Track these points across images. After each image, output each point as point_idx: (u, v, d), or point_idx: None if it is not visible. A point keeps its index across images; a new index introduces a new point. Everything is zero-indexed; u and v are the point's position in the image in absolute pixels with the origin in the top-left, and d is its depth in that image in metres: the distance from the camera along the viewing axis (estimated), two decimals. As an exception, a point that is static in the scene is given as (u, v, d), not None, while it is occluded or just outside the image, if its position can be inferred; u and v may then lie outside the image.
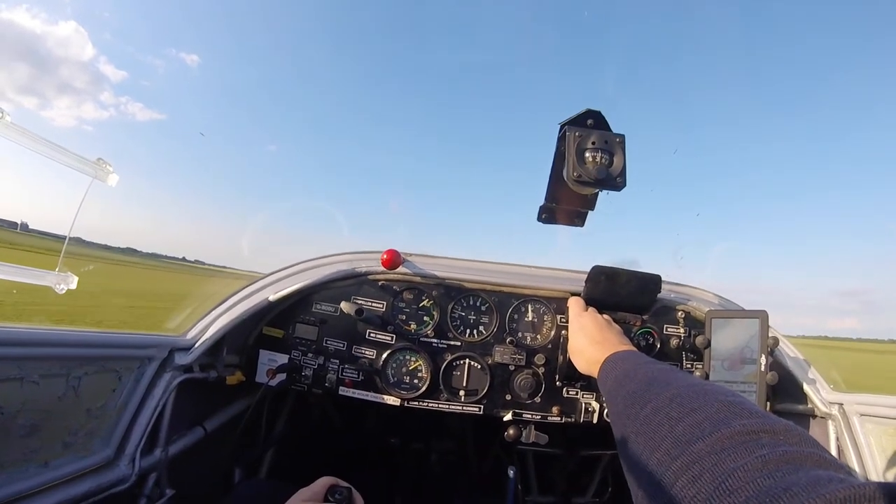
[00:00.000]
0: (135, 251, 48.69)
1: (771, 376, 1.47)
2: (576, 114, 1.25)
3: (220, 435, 1.71)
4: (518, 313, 1.69)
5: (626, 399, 0.94)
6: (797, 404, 1.63)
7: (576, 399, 1.66)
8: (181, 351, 1.46)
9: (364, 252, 1.70)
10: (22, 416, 1.06)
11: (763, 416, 0.69)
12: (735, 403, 0.73)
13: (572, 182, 1.22)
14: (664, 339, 1.67)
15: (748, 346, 1.52)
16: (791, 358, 1.64)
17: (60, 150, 1.08)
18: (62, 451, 1.19)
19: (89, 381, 1.21)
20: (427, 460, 2.38)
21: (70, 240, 1.19)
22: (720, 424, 0.68)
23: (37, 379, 1.07)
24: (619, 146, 1.22)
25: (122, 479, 1.32)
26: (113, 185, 1.18)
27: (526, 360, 1.63)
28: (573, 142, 1.21)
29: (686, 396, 0.79)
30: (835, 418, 1.54)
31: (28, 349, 1.04)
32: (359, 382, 1.64)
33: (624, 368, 1.08)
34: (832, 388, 1.60)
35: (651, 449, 0.75)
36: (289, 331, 1.67)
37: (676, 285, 1.73)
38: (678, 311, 1.69)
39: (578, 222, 1.44)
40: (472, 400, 1.65)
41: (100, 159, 1.16)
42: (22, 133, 1.02)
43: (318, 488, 1.02)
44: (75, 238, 1.22)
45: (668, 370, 0.98)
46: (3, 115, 0.97)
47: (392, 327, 1.66)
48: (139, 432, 1.37)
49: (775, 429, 0.65)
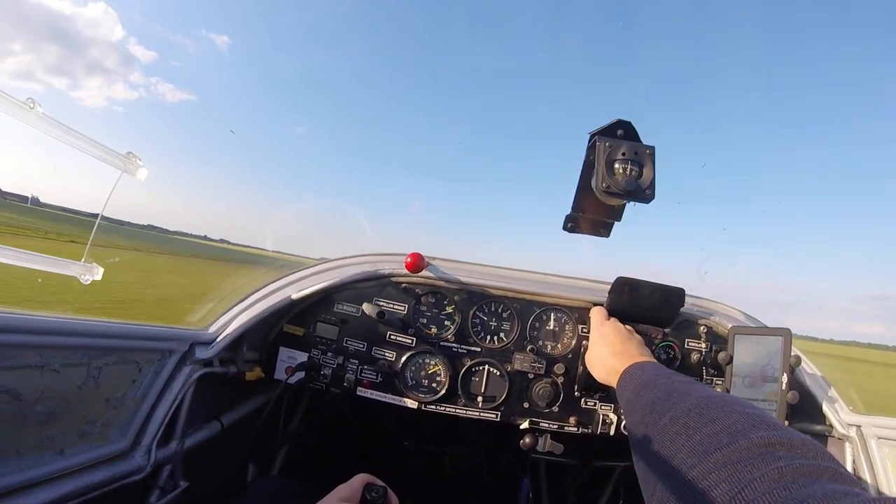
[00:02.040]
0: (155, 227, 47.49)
1: (791, 395, 1.41)
2: (606, 124, 1.20)
3: (236, 430, 1.66)
4: (539, 321, 1.63)
5: (644, 408, 0.92)
6: (815, 424, 1.57)
7: (593, 410, 1.60)
8: (202, 345, 1.42)
9: (387, 254, 1.65)
10: (41, 403, 1.02)
11: (781, 429, 0.68)
12: (753, 415, 0.71)
13: (601, 193, 1.17)
14: (685, 354, 1.60)
15: (770, 364, 1.45)
16: (811, 377, 1.58)
17: (90, 142, 1.04)
18: (78, 440, 1.15)
19: (109, 372, 1.17)
20: (440, 464, 2.32)
21: (82, 217, 1.15)
22: (738, 435, 0.67)
23: (58, 367, 1.03)
24: (648, 158, 1.17)
25: (137, 469, 1.27)
26: (142, 179, 1.14)
27: (545, 369, 1.58)
28: (603, 152, 1.16)
29: (705, 407, 0.77)
30: (852, 440, 1.49)
31: (50, 338, 1.01)
32: (377, 384, 1.60)
33: (643, 378, 1.05)
34: (851, 409, 1.54)
35: (668, 458, 0.74)
36: (309, 329, 1.62)
37: (700, 299, 1.66)
38: (700, 325, 1.63)
39: (604, 233, 1.39)
40: (490, 406, 1.59)
41: (129, 153, 1.12)
42: (52, 124, 0.98)
43: (356, 485, 0.98)
44: (89, 214, 1.18)
45: (688, 381, 0.95)
46: (35, 105, 0.93)
47: (413, 330, 1.61)
48: (156, 424, 1.32)
49: (792, 442, 0.64)
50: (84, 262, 1.08)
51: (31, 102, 0.93)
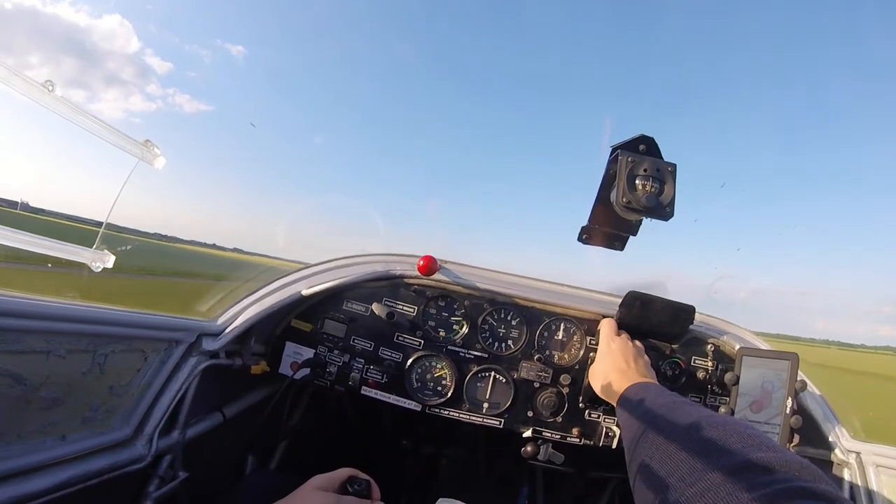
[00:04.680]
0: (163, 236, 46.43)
1: (795, 420, 1.37)
2: (629, 138, 1.16)
3: (237, 422, 1.63)
4: (548, 331, 1.59)
5: (643, 425, 0.91)
6: (816, 448, 1.55)
7: (597, 422, 1.56)
8: (209, 336, 1.38)
9: (400, 255, 1.61)
10: (45, 388, 0.98)
11: (781, 451, 0.67)
12: (753, 436, 0.71)
13: (621, 207, 1.13)
14: (691, 371, 1.57)
15: (775, 387, 1.42)
16: (815, 401, 1.56)
17: (108, 128, 1.00)
18: (80, 427, 1.11)
19: (115, 360, 1.13)
20: (437, 466, 2.29)
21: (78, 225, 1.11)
22: (736, 455, 0.66)
23: (63, 353, 1.00)
24: (670, 175, 1.14)
25: (138, 458, 1.24)
26: (160, 168, 1.09)
27: (551, 379, 1.54)
28: (625, 167, 1.13)
29: (705, 426, 0.77)
30: (851, 466, 1.47)
31: (57, 324, 0.97)
32: (382, 384, 1.56)
33: (644, 398, 1.04)
34: (852, 435, 1.52)
35: (665, 475, 0.73)
36: (317, 325, 1.58)
37: (710, 317, 1.63)
38: (709, 344, 1.59)
39: (618, 246, 1.35)
40: (494, 413, 1.55)
41: (147, 141, 1.08)
42: (70, 107, 0.94)
43: (333, 476, 0.95)
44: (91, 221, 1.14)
45: (688, 402, 0.94)
46: (53, 87, 0.89)
47: (421, 332, 1.57)
48: (159, 413, 1.29)
49: (791, 465, 0.63)
50: (95, 248, 1.04)
51: (50, 84, 0.89)
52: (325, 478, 0.94)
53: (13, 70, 0.82)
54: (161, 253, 31.91)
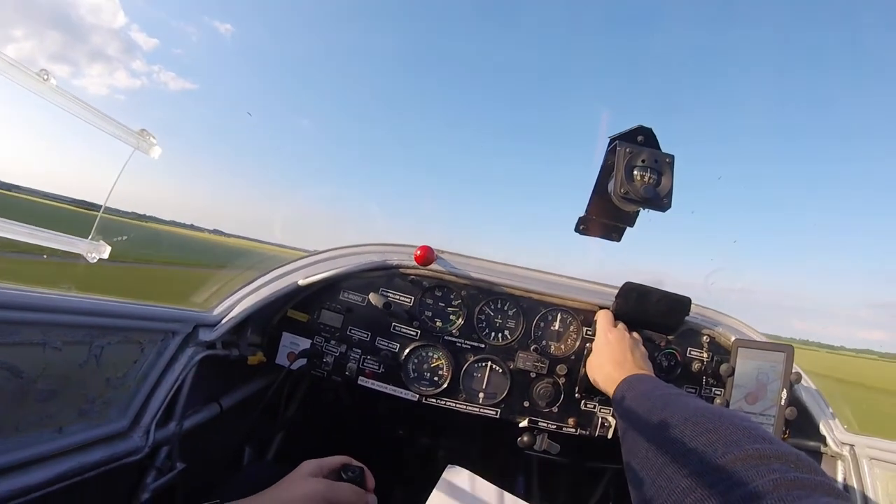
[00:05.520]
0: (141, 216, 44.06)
1: (790, 411, 1.38)
2: (627, 129, 1.15)
3: (234, 413, 1.62)
4: (545, 321, 1.58)
5: (639, 417, 0.91)
6: (809, 440, 1.55)
7: (593, 413, 1.57)
8: (206, 327, 1.37)
9: (397, 245, 1.60)
10: (41, 381, 0.97)
11: (776, 442, 0.67)
12: (749, 428, 0.71)
13: (618, 198, 1.13)
14: (687, 362, 1.57)
15: (770, 379, 1.42)
16: (809, 393, 1.55)
17: (104, 118, 0.99)
18: (77, 419, 1.10)
19: (112, 351, 1.12)
20: (433, 456, 2.29)
21: (75, 202, 1.09)
22: (732, 446, 0.66)
23: (60, 345, 0.99)
24: (668, 166, 1.13)
25: (136, 449, 1.23)
26: (155, 157, 1.08)
27: (548, 369, 1.54)
28: (623, 157, 1.12)
29: (701, 418, 0.77)
30: (844, 459, 1.47)
31: (53, 315, 0.96)
32: (379, 374, 1.55)
33: (641, 389, 1.04)
34: (846, 427, 1.52)
35: (660, 466, 0.74)
36: (314, 316, 1.57)
37: (706, 309, 1.62)
38: (704, 335, 1.59)
39: (615, 237, 1.34)
40: (491, 403, 1.55)
41: (143, 130, 1.06)
42: (66, 97, 0.92)
43: (324, 463, 0.94)
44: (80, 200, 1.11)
45: (684, 394, 0.95)
46: (49, 77, 0.87)
47: (418, 322, 1.56)
48: (156, 405, 1.28)
49: (787, 456, 0.63)
50: (91, 239, 1.03)
51: (45, 74, 0.87)
52: (316, 463, 0.94)
53: (10, 60, 0.81)
54: (155, 241, 31.35)
